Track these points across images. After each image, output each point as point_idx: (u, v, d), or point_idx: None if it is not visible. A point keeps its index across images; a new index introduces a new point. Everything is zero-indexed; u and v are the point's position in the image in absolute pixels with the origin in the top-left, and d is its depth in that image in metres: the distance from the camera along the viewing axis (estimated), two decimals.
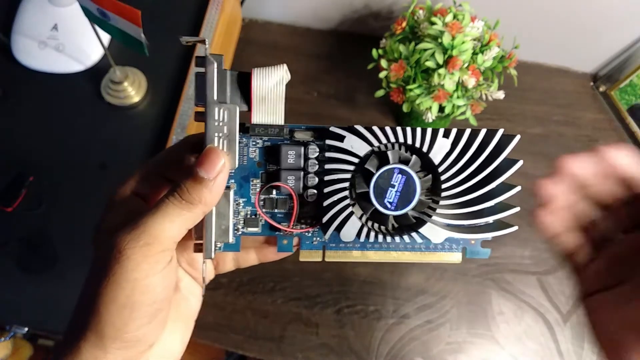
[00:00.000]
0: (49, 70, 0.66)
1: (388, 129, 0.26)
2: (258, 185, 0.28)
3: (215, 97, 0.25)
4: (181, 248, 0.29)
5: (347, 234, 0.28)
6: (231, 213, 0.27)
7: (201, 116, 0.25)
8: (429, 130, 0.26)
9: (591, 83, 0.82)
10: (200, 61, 0.25)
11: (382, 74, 0.62)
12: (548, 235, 0.29)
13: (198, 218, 0.25)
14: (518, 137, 0.26)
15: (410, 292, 0.65)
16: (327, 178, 0.27)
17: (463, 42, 0.57)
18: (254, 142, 0.28)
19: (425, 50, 0.58)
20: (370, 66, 0.64)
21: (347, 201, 0.27)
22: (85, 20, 0.53)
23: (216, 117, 0.25)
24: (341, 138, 0.27)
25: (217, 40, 0.70)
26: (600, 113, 0.79)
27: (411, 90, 0.59)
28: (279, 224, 0.28)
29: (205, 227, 0.26)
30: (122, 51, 0.62)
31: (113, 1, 0.46)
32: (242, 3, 0.79)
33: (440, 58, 0.57)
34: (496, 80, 0.61)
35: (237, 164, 0.26)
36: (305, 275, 0.66)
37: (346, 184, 0.27)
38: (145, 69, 0.67)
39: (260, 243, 0.31)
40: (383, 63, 0.62)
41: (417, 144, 0.27)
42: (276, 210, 0.28)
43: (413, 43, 0.59)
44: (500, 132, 0.26)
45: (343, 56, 0.80)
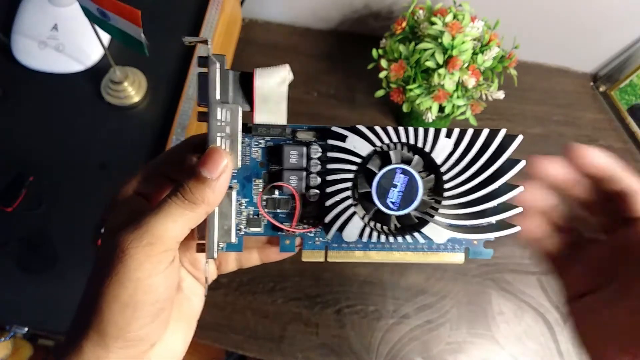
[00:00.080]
0: (49, 70, 0.66)
1: (390, 129, 0.26)
2: (260, 185, 0.28)
3: (217, 97, 0.25)
4: (184, 248, 0.28)
5: (350, 234, 0.27)
6: (234, 213, 0.27)
7: (204, 116, 0.25)
8: (431, 130, 0.26)
9: (591, 83, 0.82)
10: (202, 61, 0.25)
11: (382, 74, 0.62)
12: (528, 241, 0.29)
13: (201, 218, 0.25)
14: (521, 137, 0.26)
15: (410, 292, 0.65)
16: (330, 178, 0.27)
17: (463, 42, 0.57)
18: (257, 142, 0.28)
19: (425, 50, 0.58)
20: (370, 66, 0.64)
21: (350, 201, 0.27)
22: (85, 20, 0.53)
23: (219, 117, 0.25)
24: (343, 138, 0.27)
25: (217, 40, 0.69)
26: (600, 113, 0.79)
27: (411, 90, 0.59)
28: (282, 224, 0.28)
29: (207, 227, 0.26)
30: (122, 51, 0.62)
31: (113, 1, 0.46)
32: (242, 3, 0.79)
33: (440, 58, 0.57)
34: (496, 80, 0.61)
35: (240, 164, 0.26)
36: (305, 275, 0.66)
37: (348, 184, 0.27)
38: (145, 69, 0.67)
39: (262, 243, 0.31)
40: (383, 63, 0.62)
41: (420, 144, 0.27)
42: (278, 210, 0.28)
43: (413, 43, 0.59)
44: (502, 132, 0.26)
45: (343, 56, 0.80)
